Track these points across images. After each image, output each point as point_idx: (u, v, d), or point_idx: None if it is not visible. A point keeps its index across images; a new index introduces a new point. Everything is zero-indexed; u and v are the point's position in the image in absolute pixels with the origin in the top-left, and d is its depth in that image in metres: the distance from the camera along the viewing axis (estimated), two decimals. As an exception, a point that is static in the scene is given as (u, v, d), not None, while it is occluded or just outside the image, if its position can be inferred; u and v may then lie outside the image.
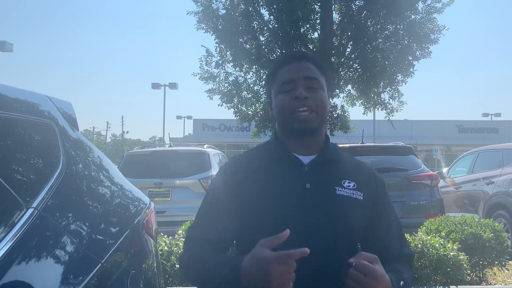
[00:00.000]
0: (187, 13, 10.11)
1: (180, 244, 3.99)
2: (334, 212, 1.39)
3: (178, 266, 3.63)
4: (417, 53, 9.72)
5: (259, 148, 1.58)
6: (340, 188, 1.43)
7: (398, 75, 10.11)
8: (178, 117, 51.70)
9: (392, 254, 1.49)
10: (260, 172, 1.45)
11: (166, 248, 4.01)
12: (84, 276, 1.42)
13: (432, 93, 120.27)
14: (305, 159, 1.47)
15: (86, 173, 1.97)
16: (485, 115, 43.98)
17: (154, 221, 2.41)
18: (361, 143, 7.97)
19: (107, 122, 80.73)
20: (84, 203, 1.77)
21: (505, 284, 4.78)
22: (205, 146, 8.30)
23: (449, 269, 3.83)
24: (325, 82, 1.51)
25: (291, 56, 1.53)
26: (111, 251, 1.67)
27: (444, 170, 9.72)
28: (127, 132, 74.85)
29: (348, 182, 1.45)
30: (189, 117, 48.34)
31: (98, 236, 1.68)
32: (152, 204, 2.48)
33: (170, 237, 4.19)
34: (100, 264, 1.53)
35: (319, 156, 1.48)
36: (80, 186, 1.82)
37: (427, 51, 9.73)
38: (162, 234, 4.18)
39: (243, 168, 1.47)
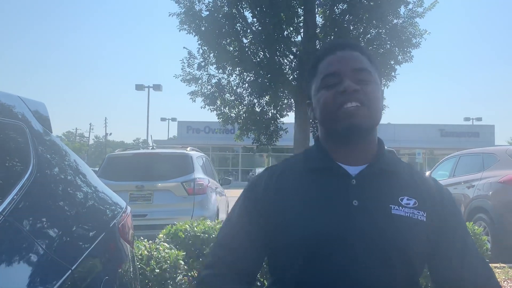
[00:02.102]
0: (169, 15, 10.07)
1: (161, 248, 3.93)
2: (389, 237, 1.12)
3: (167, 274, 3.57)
4: (399, 57, 9.84)
5: (298, 156, 1.33)
6: (396, 207, 1.15)
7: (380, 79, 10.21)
8: (163, 119, 51.61)
9: (475, 283, 1.21)
10: (297, 186, 1.21)
11: (146, 252, 3.94)
12: (51, 284, 1.37)
13: (415, 98, 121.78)
14: (353, 170, 1.20)
15: (61, 177, 1.92)
16: (467, 119, 44.75)
17: (130, 226, 2.35)
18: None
19: (90, 124, 79.90)
20: (56, 207, 1.72)
21: (485, 287, 4.81)
22: (188, 148, 8.23)
23: (429, 272, 3.83)
24: (378, 76, 1.25)
25: (334, 44, 1.27)
26: (82, 257, 1.62)
27: (427, 173, 9.80)
28: (110, 134, 74.27)
29: (408, 199, 1.17)
30: (173, 119, 48.24)
31: (69, 242, 1.63)
32: (129, 208, 2.42)
33: (150, 241, 4.12)
34: (70, 271, 1.48)
35: (370, 166, 1.21)
36: (52, 190, 1.77)
37: (409, 55, 9.86)
38: (142, 238, 4.11)
39: (277, 181, 1.24)
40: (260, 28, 9.87)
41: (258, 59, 10.66)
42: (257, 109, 11.95)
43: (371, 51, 1.31)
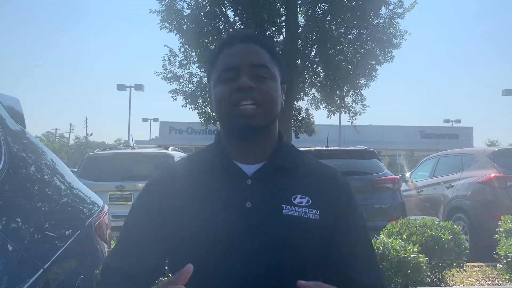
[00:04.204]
0: (150, 12, 9.99)
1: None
2: (280, 238, 1.10)
3: None
4: (380, 57, 9.94)
5: (196, 155, 1.29)
6: (288, 207, 1.13)
7: (361, 79, 10.31)
8: (144, 120, 51.07)
9: (360, 281, 1.18)
10: (193, 187, 1.16)
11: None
12: (22, 283, 1.32)
13: (396, 100, 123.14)
14: (250, 169, 1.17)
15: (37, 175, 1.88)
16: (446, 121, 45.40)
17: (108, 225, 2.31)
18: (325, 146, 8.04)
19: (70, 124, 78.35)
20: (29, 205, 1.67)
21: (463, 285, 4.87)
22: (170, 148, 8.17)
23: (409, 271, 3.86)
24: (279, 72, 1.21)
25: (235, 36, 1.22)
26: (56, 255, 1.57)
27: (407, 174, 9.89)
28: (91, 135, 72.84)
29: (301, 198, 1.15)
30: (155, 120, 47.76)
31: (42, 240, 1.58)
32: (106, 207, 2.37)
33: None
34: (42, 270, 1.43)
35: (266, 165, 1.18)
36: (26, 187, 1.72)
37: (389, 55, 9.96)
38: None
39: (173, 181, 1.19)
40: (242, 27, 9.85)
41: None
42: (239, 109, 11.81)
43: (272, 45, 1.25)
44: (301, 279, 1.08)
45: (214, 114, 1.25)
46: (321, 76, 10.08)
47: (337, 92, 10.30)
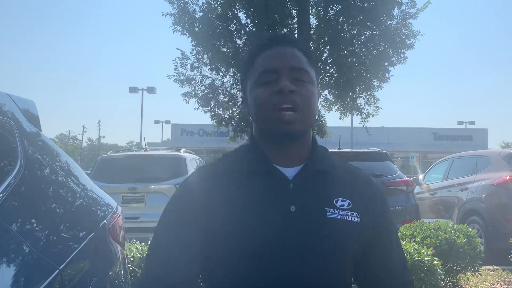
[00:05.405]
0: (163, 15, 10.06)
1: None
2: (325, 242, 1.11)
3: None
4: (393, 58, 9.90)
5: (231, 157, 1.25)
6: (331, 210, 1.14)
7: (374, 80, 10.28)
8: (156, 122, 51.47)
9: (390, 283, 1.24)
10: (232, 191, 1.14)
11: (138, 254, 3.91)
12: (38, 284, 1.33)
13: (409, 102, 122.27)
14: (289, 172, 1.16)
15: (52, 177, 1.89)
16: (460, 123, 45.00)
17: (121, 226, 2.32)
18: (338, 148, 8.01)
19: (83, 126, 78.98)
20: (45, 206, 1.69)
21: (478, 289, 4.82)
22: (182, 150, 8.20)
23: (423, 275, 3.82)
24: (315, 76, 1.21)
25: (273, 39, 1.21)
26: (71, 257, 1.58)
27: (420, 176, 9.81)
28: (104, 137, 73.73)
29: (342, 201, 1.16)
30: (167, 122, 48.07)
31: (57, 241, 1.59)
32: (120, 208, 2.39)
33: (142, 243, 4.09)
34: (57, 271, 1.45)
35: (306, 168, 1.17)
36: (41, 188, 1.74)
37: (402, 56, 9.92)
38: (134, 240, 4.07)
39: (213, 184, 1.16)
40: (254, 29, 9.87)
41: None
42: (251, 111, 11.84)
43: (309, 48, 1.23)
44: (341, 281, 1.15)
45: (251, 117, 1.22)
46: (334, 78, 10.07)
47: (350, 93, 10.27)
